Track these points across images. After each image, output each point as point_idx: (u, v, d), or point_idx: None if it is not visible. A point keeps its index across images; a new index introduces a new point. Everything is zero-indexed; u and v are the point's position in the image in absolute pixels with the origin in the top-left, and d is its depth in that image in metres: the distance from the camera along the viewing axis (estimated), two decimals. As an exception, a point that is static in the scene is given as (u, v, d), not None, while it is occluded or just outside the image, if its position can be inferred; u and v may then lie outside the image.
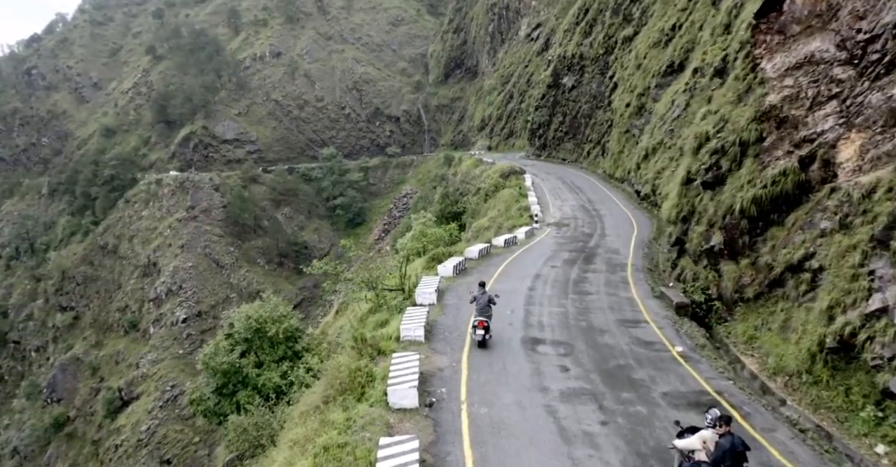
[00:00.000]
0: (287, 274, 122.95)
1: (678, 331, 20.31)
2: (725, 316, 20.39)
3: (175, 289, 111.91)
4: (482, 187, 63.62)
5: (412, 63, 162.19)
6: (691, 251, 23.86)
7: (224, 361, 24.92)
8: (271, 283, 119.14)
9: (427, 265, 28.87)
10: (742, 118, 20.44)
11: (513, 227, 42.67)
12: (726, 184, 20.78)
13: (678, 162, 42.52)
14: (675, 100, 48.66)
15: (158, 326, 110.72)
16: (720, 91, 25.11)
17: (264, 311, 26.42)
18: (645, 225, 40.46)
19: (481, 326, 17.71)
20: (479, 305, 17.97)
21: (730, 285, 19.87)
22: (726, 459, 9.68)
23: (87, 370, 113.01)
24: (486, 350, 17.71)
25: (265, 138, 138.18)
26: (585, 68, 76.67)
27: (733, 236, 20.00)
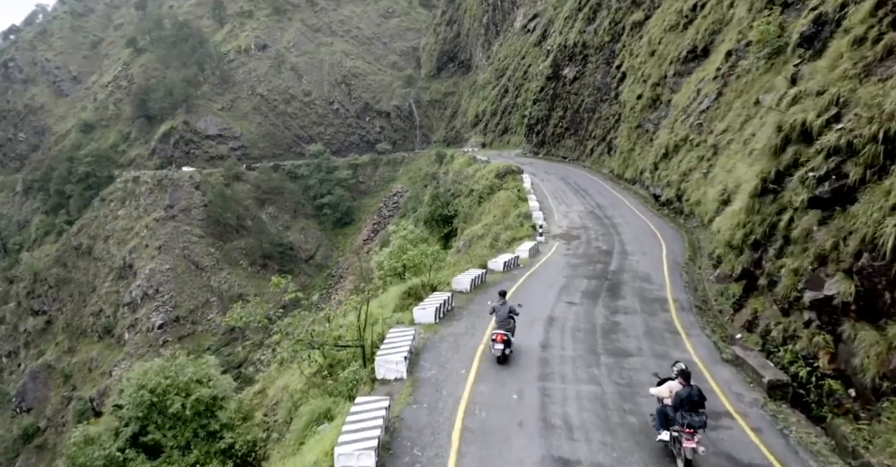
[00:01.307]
0: (271, 276, 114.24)
1: (786, 434, 12.58)
2: (857, 410, 12.75)
3: (151, 292, 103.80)
4: (475, 189, 55.72)
5: (403, 56, 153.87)
6: (779, 295, 16.09)
7: (100, 456, 16.98)
8: (254, 286, 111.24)
9: (401, 302, 21.05)
10: (889, 100, 12.69)
11: (512, 241, 34.86)
12: (858, 203, 13.09)
13: (711, 162, 34.81)
14: (700, 89, 40.88)
15: (133, 332, 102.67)
16: (819, 63, 17.27)
17: (166, 376, 18.54)
18: (673, 238, 32.70)
19: (500, 340, 15.38)
20: (499, 318, 15.90)
21: (870, 363, 12.22)
22: (684, 405, 11.30)
23: (58, 377, 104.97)
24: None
25: (249, 134, 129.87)
26: (589, 58, 68.76)
27: (875, 286, 12.31)
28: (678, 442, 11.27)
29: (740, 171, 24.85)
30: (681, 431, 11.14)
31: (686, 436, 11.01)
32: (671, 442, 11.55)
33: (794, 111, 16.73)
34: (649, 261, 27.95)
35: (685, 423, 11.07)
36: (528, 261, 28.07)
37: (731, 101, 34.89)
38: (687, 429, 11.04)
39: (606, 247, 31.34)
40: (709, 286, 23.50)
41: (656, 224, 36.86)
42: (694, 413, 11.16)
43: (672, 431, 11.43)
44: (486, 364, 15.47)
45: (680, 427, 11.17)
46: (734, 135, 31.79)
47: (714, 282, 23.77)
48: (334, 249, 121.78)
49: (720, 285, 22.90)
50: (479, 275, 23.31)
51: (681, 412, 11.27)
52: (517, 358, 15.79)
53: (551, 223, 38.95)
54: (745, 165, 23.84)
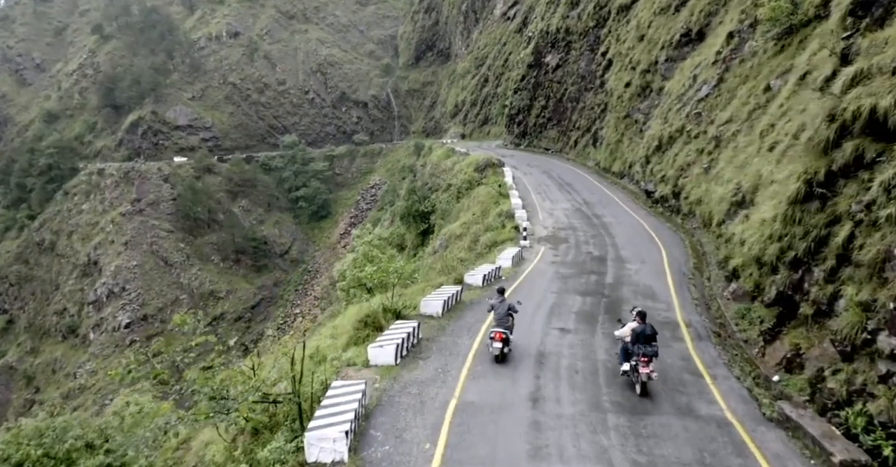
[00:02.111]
0: (244, 272, 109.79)
1: None
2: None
3: (118, 290, 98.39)
4: (453, 183, 51.62)
5: (381, 45, 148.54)
6: (836, 333, 12.26)
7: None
8: (226, 282, 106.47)
9: (356, 333, 16.79)
10: None
11: (493, 245, 30.85)
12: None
13: (713, 155, 31.01)
14: (696, 75, 37.08)
15: (99, 332, 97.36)
16: (886, 33, 13.34)
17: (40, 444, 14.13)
18: (672, 242, 28.93)
19: (499, 338, 14.75)
20: (498, 315, 15.29)
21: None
22: (640, 339, 13.55)
23: (21, 379, 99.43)
24: None
25: (221, 124, 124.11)
26: (572, 44, 64.71)
27: None
28: (636, 370, 13.48)
29: (758, 168, 21.08)
30: (637, 360, 13.34)
31: (642, 364, 13.23)
32: (631, 372, 13.72)
33: (855, 95, 12.81)
34: (650, 270, 24.12)
35: (641, 353, 13.31)
36: (511, 272, 24.08)
37: (735, 88, 31.12)
38: (643, 358, 13.25)
39: (599, 252, 27.46)
40: (724, 304, 19.72)
41: (651, 224, 33.08)
42: (647, 345, 13.44)
43: (631, 362, 13.60)
44: (458, 430, 11.49)
45: (637, 357, 13.38)
46: (741, 126, 28.03)
47: (730, 300, 20.00)
48: (310, 243, 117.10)
49: (738, 304, 19.13)
50: (454, 293, 19.23)
51: (637, 345, 13.49)
52: (500, 425, 11.79)
53: (535, 223, 35.01)
54: (767, 162, 20.06)
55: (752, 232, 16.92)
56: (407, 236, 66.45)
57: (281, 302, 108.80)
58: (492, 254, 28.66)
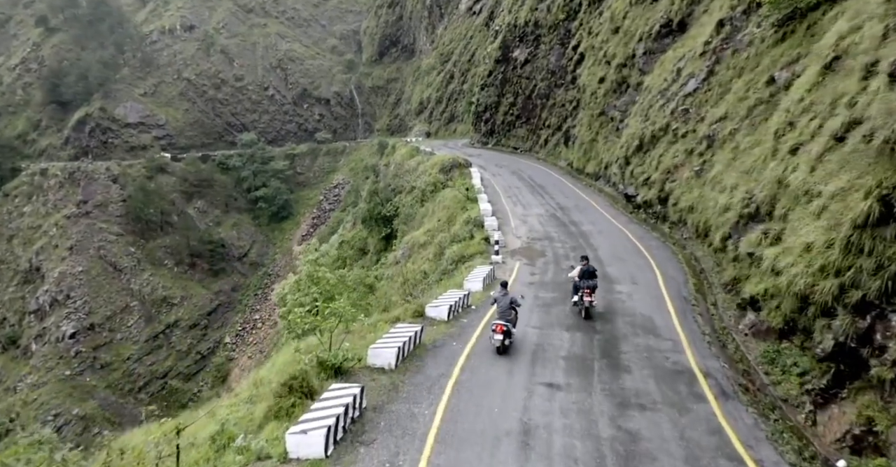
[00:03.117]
0: (200, 276, 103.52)
1: None
2: None
3: (62, 298, 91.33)
4: (417, 185, 47.38)
5: (343, 40, 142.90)
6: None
7: None
8: (181, 288, 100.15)
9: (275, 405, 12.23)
10: None
11: (460, 261, 26.72)
12: None
13: (705, 157, 27.41)
14: (680, 68, 33.52)
15: (41, 343, 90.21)
16: None
17: None
18: (663, 255, 25.23)
19: (500, 330, 14.69)
20: (500, 308, 15.30)
21: None
22: (584, 276, 17.70)
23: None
24: None
25: (175, 122, 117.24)
26: (541, 38, 61.01)
27: None
28: (581, 299, 17.75)
29: (775, 174, 17.36)
30: (582, 291, 17.71)
31: (585, 294, 17.64)
32: (579, 301, 17.93)
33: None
34: (644, 294, 20.29)
35: (585, 286, 17.70)
36: (482, 298, 19.97)
37: (728, 82, 27.59)
38: (586, 290, 17.67)
39: (582, 269, 23.55)
40: (742, 342, 15.98)
41: (635, 233, 29.38)
42: (589, 279, 17.78)
43: (578, 294, 17.86)
44: None
45: (582, 289, 17.74)
46: (739, 124, 24.45)
47: (748, 336, 16.27)
48: (270, 246, 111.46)
49: (762, 342, 15.41)
50: (413, 334, 14.99)
51: (582, 280, 17.84)
52: None
53: (507, 231, 31.02)
54: (790, 167, 16.31)
55: (792, 259, 13.11)
56: (369, 240, 62.03)
57: (240, 307, 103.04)
58: (459, 272, 24.55)
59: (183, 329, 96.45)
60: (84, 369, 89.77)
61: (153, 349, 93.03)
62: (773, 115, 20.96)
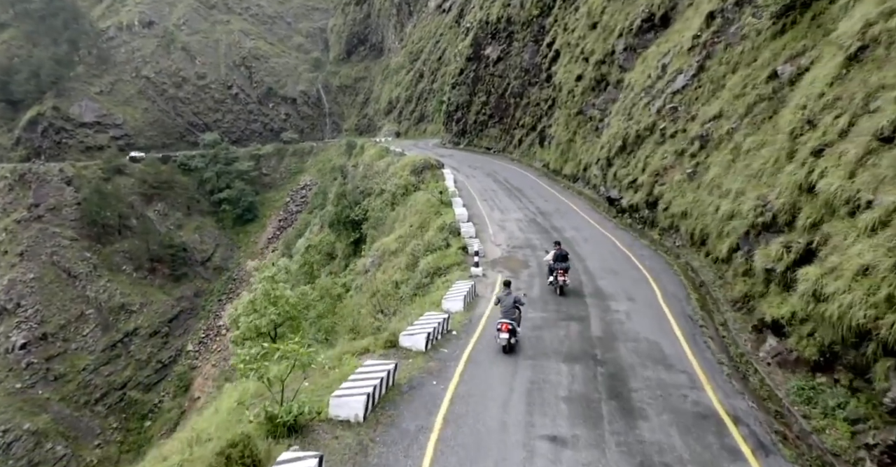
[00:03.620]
0: (161, 282, 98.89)
1: None
2: None
3: (12, 307, 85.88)
4: (387, 188, 44.66)
5: (310, 38, 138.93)
6: None
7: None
8: (140, 294, 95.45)
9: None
10: None
11: (435, 273, 24.14)
12: None
13: (698, 158, 25.29)
14: (665, 64, 31.49)
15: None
16: None
17: None
18: (657, 266, 23.03)
19: (505, 329, 14.78)
20: (504, 307, 15.37)
21: None
22: (558, 258, 19.68)
23: None
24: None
25: (134, 121, 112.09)
26: (514, 35, 58.79)
27: None
28: (556, 279, 19.78)
29: (794, 178, 15.19)
30: (556, 272, 19.68)
31: (559, 274, 19.65)
32: (554, 281, 19.95)
33: None
34: (644, 312, 17.99)
35: (559, 268, 19.64)
36: (464, 321, 17.41)
37: (721, 78, 25.58)
38: (560, 270, 19.64)
39: (571, 284, 21.19)
40: (766, 373, 13.74)
41: (624, 241, 27.19)
42: (562, 262, 19.73)
43: (553, 275, 19.93)
44: None
45: (556, 270, 19.71)
46: (737, 123, 22.40)
47: (770, 365, 14.05)
48: (235, 249, 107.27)
49: (789, 374, 13.20)
50: (384, 375, 12.34)
51: (556, 262, 19.77)
52: None
53: (485, 239, 28.56)
54: (816, 171, 14.14)
55: (843, 284, 10.85)
56: (338, 245, 59.08)
57: (203, 313, 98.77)
58: (435, 287, 21.97)
59: (142, 337, 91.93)
60: (36, 381, 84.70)
61: (111, 359, 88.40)
62: (782, 113, 18.88)
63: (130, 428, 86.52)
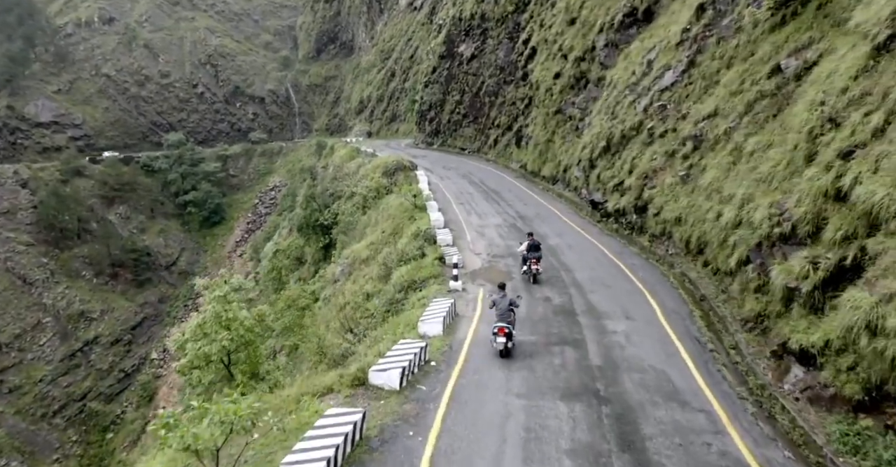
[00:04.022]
0: (124, 288, 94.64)
1: None
2: None
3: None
4: (358, 191, 42.19)
5: (278, 36, 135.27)
6: None
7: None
8: (101, 301, 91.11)
9: None
10: None
11: (410, 288, 21.82)
12: None
13: (692, 160, 23.43)
14: (652, 60, 29.68)
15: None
16: None
17: None
18: (650, 277, 21.07)
19: (502, 333, 14.44)
20: (500, 311, 14.99)
21: None
22: (531, 249, 20.78)
23: None
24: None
25: (94, 121, 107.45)
26: (489, 32, 56.74)
27: None
28: (529, 267, 20.81)
29: (818, 185, 13.27)
30: (530, 261, 20.76)
31: (532, 263, 20.73)
32: (528, 269, 20.92)
33: None
34: (646, 334, 15.95)
35: (532, 257, 20.72)
36: (442, 349, 15.13)
37: (715, 74, 23.75)
38: (533, 260, 20.71)
39: (560, 298, 19.11)
40: (796, 411, 11.78)
41: (612, 248, 25.22)
42: (535, 251, 20.80)
43: (527, 265, 20.91)
44: None
45: (529, 260, 20.79)
46: (736, 121, 20.56)
47: (799, 400, 12.09)
48: (201, 253, 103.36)
49: (825, 414, 11.24)
50: (349, 431, 10.01)
51: (530, 252, 20.81)
52: None
53: (463, 247, 26.35)
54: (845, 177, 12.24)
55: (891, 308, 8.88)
56: (307, 249, 56.37)
57: (168, 320, 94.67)
58: (410, 304, 19.67)
59: (104, 345, 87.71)
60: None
61: (69, 369, 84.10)
62: (790, 110, 17.04)
63: (91, 440, 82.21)
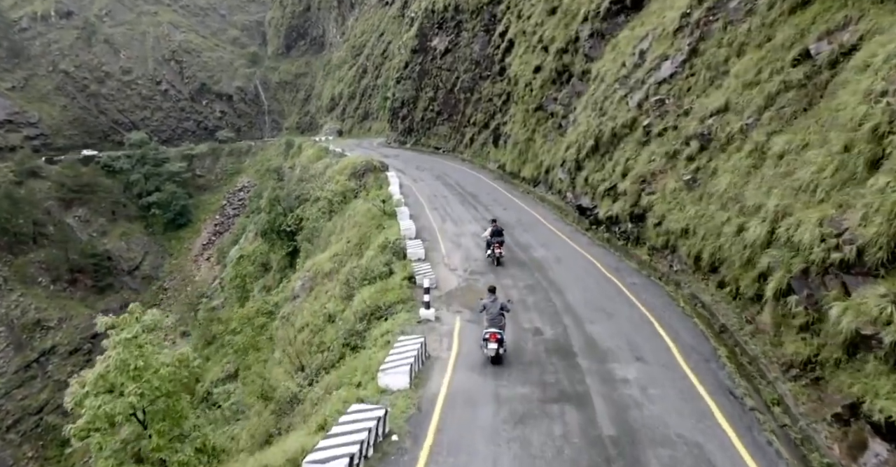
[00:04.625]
0: (83, 294, 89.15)
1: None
2: None
3: None
4: (323, 195, 38.38)
5: (246, 32, 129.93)
6: None
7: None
8: (59, 309, 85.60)
9: None
10: None
11: (372, 316, 18.20)
12: None
13: (699, 162, 20.14)
14: (644, 50, 26.45)
15: None
16: None
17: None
18: (656, 301, 17.77)
19: (494, 339, 13.72)
20: (490, 315, 14.21)
21: None
22: (494, 234, 22.27)
23: None
24: None
25: (51, 120, 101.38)
26: (463, 24, 53.22)
27: None
28: (493, 251, 22.26)
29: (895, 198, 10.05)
30: (493, 246, 22.22)
31: (496, 247, 22.21)
32: (491, 253, 22.33)
33: None
34: (664, 383, 12.59)
35: (495, 242, 22.23)
36: (409, 412, 11.57)
37: (722, 63, 20.52)
38: (496, 243, 22.21)
39: (553, 331, 15.69)
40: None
41: (606, 263, 21.91)
42: (499, 236, 22.30)
43: (490, 249, 22.42)
44: None
45: (493, 244, 22.24)
46: (754, 118, 17.38)
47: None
48: (166, 257, 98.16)
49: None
50: None
51: (494, 237, 22.23)
52: None
53: (437, 260, 22.85)
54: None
55: None
56: (273, 255, 52.34)
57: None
58: (372, 340, 16.07)
59: (61, 356, 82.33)
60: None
61: (24, 381, 78.79)
62: (825, 103, 13.86)
63: (48, 456, 76.85)
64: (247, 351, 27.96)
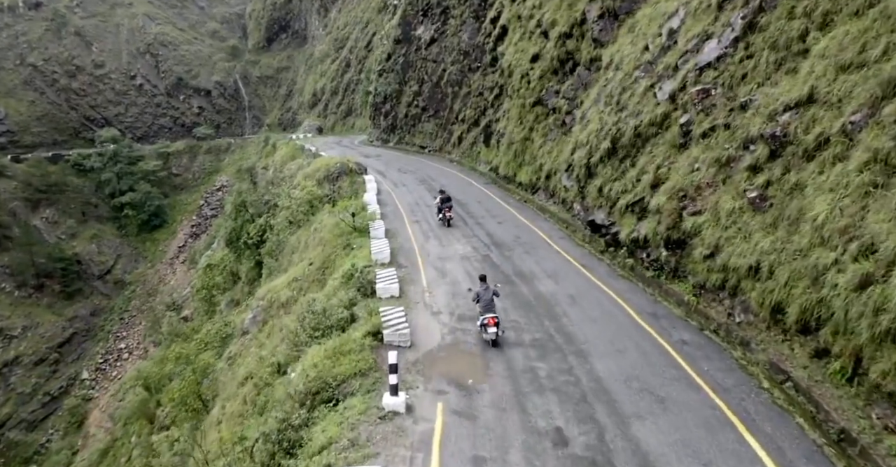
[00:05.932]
0: (50, 300, 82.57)
1: None
2: None
3: None
4: (285, 204, 32.54)
5: (226, 24, 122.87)
6: None
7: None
8: (23, 316, 79.06)
9: None
10: None
11: (318, 397, 12.45)
12: None
13: (772, 174, 14.43)
14: (676, 29, 20.70)
15: None
16: None
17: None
18: (719, 371, 12.24)
19: (492, 323, 14.05)
20: (484, 302, 14.50)
21: None
22: (443, 202, 25.57)
23: None
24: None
25: (18, 115, 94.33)
26: (450, 11, 47.35)
27: None
28: (444, 215, 25.41)
29: None
30: (443, 210, 25.40)
31: (446, 210, 25.44)
32: (443, 217, 25.48)
33: None
34: None
35: (445, 207, 25.40)
36: None
37: (796, 40, 14.83)
38: (445, 208, 25.37)
39: (580, 431, 10.09)
40: None
41: (637, 305, 16.30)
42: (447, 202, 25.47)
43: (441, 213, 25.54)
44: None
45: (443, 210, 25.42)
46: (860, 115, 11.85)
47: None
48: (140, 260, 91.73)
49: None
50: None
51: (443, 204, 25.40)
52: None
53: (416, 298, 17.19)
54: None
55: None
56: (240, 266, 46.44)
57: (101, 334, 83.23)
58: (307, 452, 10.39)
59: (26, 366, 75.94)
60: None
61: (-15, 394, 72.41)
62: None
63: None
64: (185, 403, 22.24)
